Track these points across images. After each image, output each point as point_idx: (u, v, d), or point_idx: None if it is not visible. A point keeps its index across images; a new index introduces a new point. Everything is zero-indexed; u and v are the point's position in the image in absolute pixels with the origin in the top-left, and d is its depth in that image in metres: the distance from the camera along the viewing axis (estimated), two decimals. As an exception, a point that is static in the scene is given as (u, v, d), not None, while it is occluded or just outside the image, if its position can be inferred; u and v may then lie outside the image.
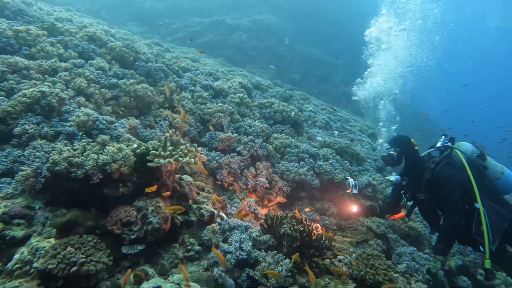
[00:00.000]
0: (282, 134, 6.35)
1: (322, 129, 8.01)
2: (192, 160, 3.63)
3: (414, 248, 5.14)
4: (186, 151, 3.72)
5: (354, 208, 3.97)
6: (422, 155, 3.55)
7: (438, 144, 3.53)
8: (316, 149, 6.17)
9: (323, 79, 18.34)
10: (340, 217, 5.50)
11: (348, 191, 4.00)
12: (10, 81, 4.56)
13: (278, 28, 20.48)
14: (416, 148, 3.47)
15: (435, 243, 3.14)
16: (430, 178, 3.27)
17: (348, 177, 4.04)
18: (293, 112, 6.98)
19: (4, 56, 4.95)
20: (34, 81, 4.73)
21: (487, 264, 2.77)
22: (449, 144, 3.40)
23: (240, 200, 4.77)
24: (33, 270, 2.76)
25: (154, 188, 3.47)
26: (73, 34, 6.77)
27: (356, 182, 4.04)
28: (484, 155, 3.27)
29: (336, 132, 7.40)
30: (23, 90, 4.14)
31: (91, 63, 5.82)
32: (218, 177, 4.98)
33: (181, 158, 3.56)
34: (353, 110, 14.72)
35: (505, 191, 3.20)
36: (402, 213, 3.88)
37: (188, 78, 7.30)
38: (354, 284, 3.37)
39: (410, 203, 3.79)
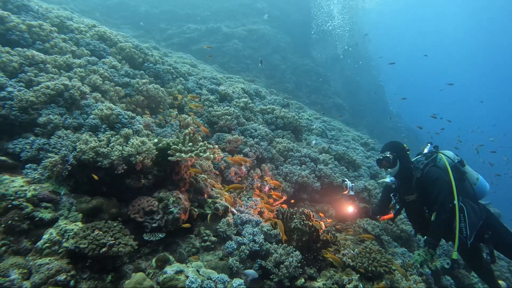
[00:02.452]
0: (284, 139, 6.66)
1: (319, 136, 8.40)
2: (212, 156, 3.85)
3: (405, 249, 5.51)
4: (205, 147, 3.94)
5: (350, 208, 4.23)
6: (412, 160, 3.93)
7: (425, 151, 3.95)
8: (316, 153, 6.51)
9: (315, 90, 18.94)
10: (338, 219, 5.81)
11: (345, 192, 4.30)
12: (29, 73, 4.66)
13: (272, 38, 21.05)
14: (408, 152, 3.86)
15: (427, 237, 3.44)
16: (420, 177, 3.63)
17: (346, 179, 4.35)
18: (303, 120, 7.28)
19: (20, 49, 5.05)
20: (51, 75, 4.85)
21: (455, 255, 3.17)
22: (434, 150, 3.84)
23: (248, 199, 4.99)
24: (62, 250, 2.89)
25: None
26: (83, 32, 6.90)
27: (353, 184, 4.35)
28: (463, 162, 3.71)
29: (333, 147, 7.75)
30: (46, 82, 4.27)
31: (104, 61, 5.98)
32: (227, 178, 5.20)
33: (202, 154, 3.77)
34: (344, 121, 15.29)
35: (479, 196, 3.63)
36: (391, 214, 4.21)
37: (194, 82, 7.53)
38: (358, 275, 3.64)
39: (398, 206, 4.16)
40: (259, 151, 5.79)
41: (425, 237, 3.50)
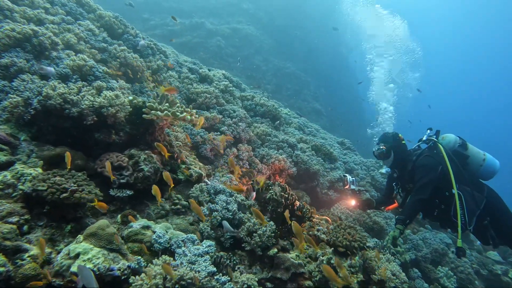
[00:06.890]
0: (263, 125, 6.61)
1: (298, 130, 8.45)
2: (189, 117, 3.70)
3: (377, 240, 5.58)
4: (182, 109, 3.77)
5: (352, 202, 4.12)
6: (412, 148, 3.88)
7: (424, 138, 3.84)
8: (294, 140, 6.51)
9: (294, 93, 19.21)
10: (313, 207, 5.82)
11: (347, 187, 4.23)
12: (-9, 16, 4.27)
13: (256, 39, 21.17)
14: (403, 142, 3.80)
15: (398, 215, 3.42)
16: (411, 169, 3.60)
17: (347, 174, 4.28)
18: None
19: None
20: (18, 24, 4.47)
21: (459, 243, 3.12)
22: (434, 137, 3.71)
23: (222, 176, 4.84)
24: (16, 193, 2.60)
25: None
26: (58, -8, 6.48)
27: (354, 178, 4.28)
28: (466, 145, 3.55)
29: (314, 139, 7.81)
30: (11, 25, 3.91)
31: (80, 23, 5.63)
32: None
33: (179, 114, 3.61)
34: (321, 125, 15.55)
35: (488, 176, 3.49)
36: (396, 203, 4.07)
37: (175, 60, 7.32)
38: (332, 249, 3.60)
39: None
40: (237, 131, 5.68)
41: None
